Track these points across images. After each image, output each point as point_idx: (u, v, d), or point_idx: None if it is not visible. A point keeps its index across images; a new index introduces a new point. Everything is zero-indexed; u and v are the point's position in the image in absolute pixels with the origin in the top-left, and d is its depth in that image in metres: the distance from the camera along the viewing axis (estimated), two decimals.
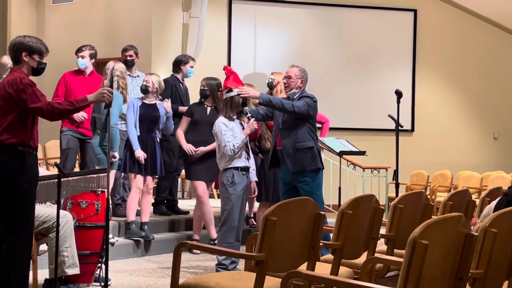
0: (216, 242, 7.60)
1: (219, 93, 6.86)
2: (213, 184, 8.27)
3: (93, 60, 8.12)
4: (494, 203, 5.08)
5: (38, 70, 4.86)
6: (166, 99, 7.71)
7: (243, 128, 6.50)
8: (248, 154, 6.55)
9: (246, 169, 6.50)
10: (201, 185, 7.57)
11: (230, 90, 6.47)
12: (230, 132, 6.38)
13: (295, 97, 6.74)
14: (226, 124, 6.41)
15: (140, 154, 7.30)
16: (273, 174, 7.99)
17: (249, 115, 6.54)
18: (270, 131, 8.06)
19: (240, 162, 6.42)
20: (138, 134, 7.38)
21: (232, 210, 6.36)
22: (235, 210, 6.37)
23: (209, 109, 7.63)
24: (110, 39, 12.06)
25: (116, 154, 7.15)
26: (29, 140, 4.74)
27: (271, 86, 8.88)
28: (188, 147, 7.51)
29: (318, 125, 8.75)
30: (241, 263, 6.41)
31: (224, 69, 6.76)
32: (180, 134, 7.63)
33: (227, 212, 6.36)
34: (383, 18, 13.71)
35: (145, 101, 7.56)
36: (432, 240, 2.78)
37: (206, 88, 7.60)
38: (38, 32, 12.67)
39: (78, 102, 4.81)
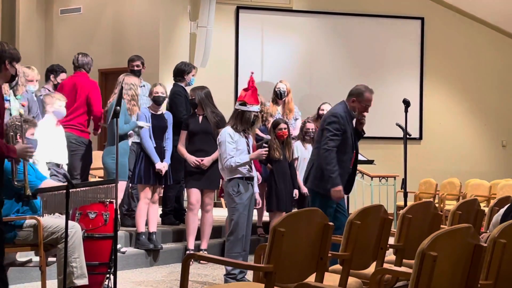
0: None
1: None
2: (218, 192, 8.25)
3: None
4: (502, 211, 5.07)
5: (14, 77, 4.87)
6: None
7: (247, 143, 6.47)
8: (250, 166, 6.53)
9: (250, 179, 6.49)
10: (193, 193, 7.55)
11: (244, 104, 6.43)
12: (234, 145, 6.35)
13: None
14: (231, 135, 6.38)
15: (161, 166, 7.40)
16: (284, 183, 7.99)
17: (266, 145, 6.53)
18: (279, 141, 8.07)
19: (244, 172, 6.42)
20: (155, 145, 7.46)
21: (239, 219, 6.35)
22: (242, 219, 6.36)
23: (200, 117, 7.62)
24: (118, 49, 12.10)
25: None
26: None
27: (282, 95, 8.89)
28: (192, 160, 7.49)
29: None
30: (250, 272, 6.40)
31: (251, 75, 6.71)
32: (182, 149, 7.61)
33: (235, 222, 6.35)
34: (390, 27, 13.71)
35: (153, 112, 7.60)
36: (441, 252, 2.77)
37: (193, 97, 7.61)
38: (46, 42, 12.73)
39: (8, 150, 4.63)
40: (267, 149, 6.47)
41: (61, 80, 8.22)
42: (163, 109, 7.97)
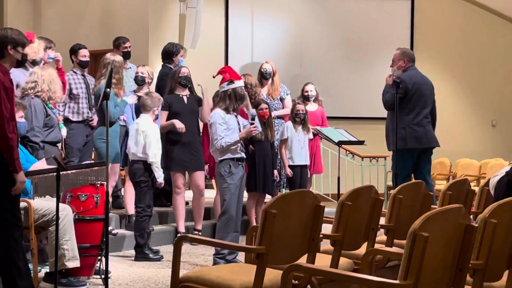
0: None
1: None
2: (208, 174, 8.25)
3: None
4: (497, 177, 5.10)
5: (22, 62, 4.91)
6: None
7: (238, 122, 6.46)
8: (243, 145, 6.53)
9: (241, 160, 6.50)
10: (179, 177, 7.54)
11: (232, 82, 6.41)
12: (225, 126, 6.33)
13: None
14: (223, 116, 6.36)
15: None
16: (264, 165, 7.99)
17: (254, 122, 6.51)
18: (260, 122, 8.04)
19: (235, 153, 6.42)
20: None
21: (232, 200, 6.36)
22: (233, 199, 6.38)
23: (185, 98, 7.60)
24: (107, 31, 12.02)
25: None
26: None
27: (269, 76, 8.88)
28: (182, 126, 7.46)
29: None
30: (241, 253, 6.41)
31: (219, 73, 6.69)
32: (165, 124, 7.56)
33: (227, 202, 6.35)
34: (380, 7, 13.68)
35: (138, 94, 7.57)
36: (433, 232, 2.78)
37: (190, 77, 7.60)
38: (34, 25, 12.63)
39: (18, 163, 4.63)
40: (255, 125, 6.47)
41: (83, 57, 8.05)
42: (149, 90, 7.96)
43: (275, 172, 8.25)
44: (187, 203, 8.63)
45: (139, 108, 7.52)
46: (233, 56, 12.82)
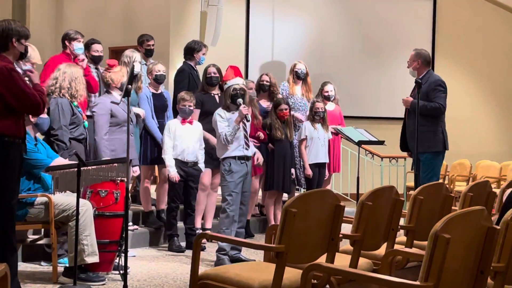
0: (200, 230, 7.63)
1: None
2: None
3: None
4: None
5: (25, 55, 4.90)
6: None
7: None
8: (247, 144, 6.55)
9: (244, 158, 6.54)
10: (206, 174, 7.58)
11: (225, 83, 6.66)
12: (226, 123, 6.49)
13: (420, 77, 7.34)
14: (221, 115, 6.54)
15: None
16: (283, 164, 8.02)
17: (241, 105, 6.53)
18: (280, 121, 8.06)
19: (237, 151, 6.51)
20: (158, 125, 7.46)
21: (231, 197, 6.46)
22: (234, 197, 6.46)
23: (217, 97, 7.61)
24: (128, 27, 12.07)
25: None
26: (14, 129, 4.70)
27: (304, 76, 8.93)
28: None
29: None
30: (257, 253, 6.41)
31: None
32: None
33: (227, 200, 6.48)
34: (402, 6, 13.61)
35: (154, 91, 7.60)
36: (454, 234, 2.76)
37: (218, 75, 7.60)
38: (56, 21, 12.71)
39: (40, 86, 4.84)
40: (244, 105, 6.49)
41: (95, 52, 8.00)
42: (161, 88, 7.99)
43: (292, 170, 8.29)
44: None
45: (158, 106, 7.58)
46: (254, 54, 12.82)
